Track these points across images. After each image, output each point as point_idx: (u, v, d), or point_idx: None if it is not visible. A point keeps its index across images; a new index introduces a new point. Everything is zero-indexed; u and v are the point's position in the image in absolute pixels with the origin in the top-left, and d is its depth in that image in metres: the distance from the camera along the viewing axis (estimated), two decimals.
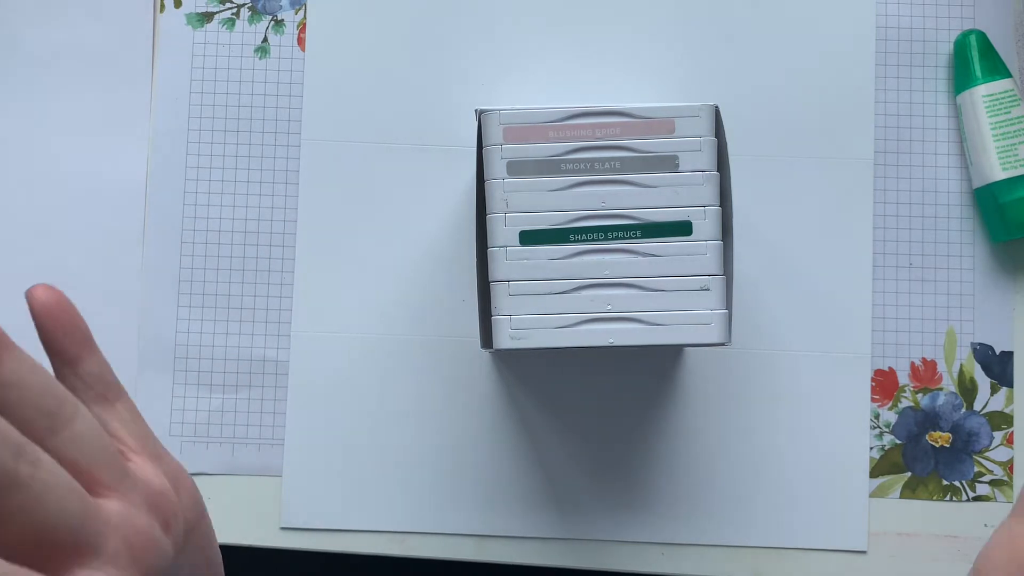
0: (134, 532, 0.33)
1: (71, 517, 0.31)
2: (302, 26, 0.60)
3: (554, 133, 0.46)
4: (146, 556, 0.33)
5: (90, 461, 0.33)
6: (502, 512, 0.57)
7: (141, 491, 0.34)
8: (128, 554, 0.33)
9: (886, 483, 0.58)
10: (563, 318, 0.46)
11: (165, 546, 0.34)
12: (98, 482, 0.33)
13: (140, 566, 0.33)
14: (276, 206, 0.59)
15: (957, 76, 0.59)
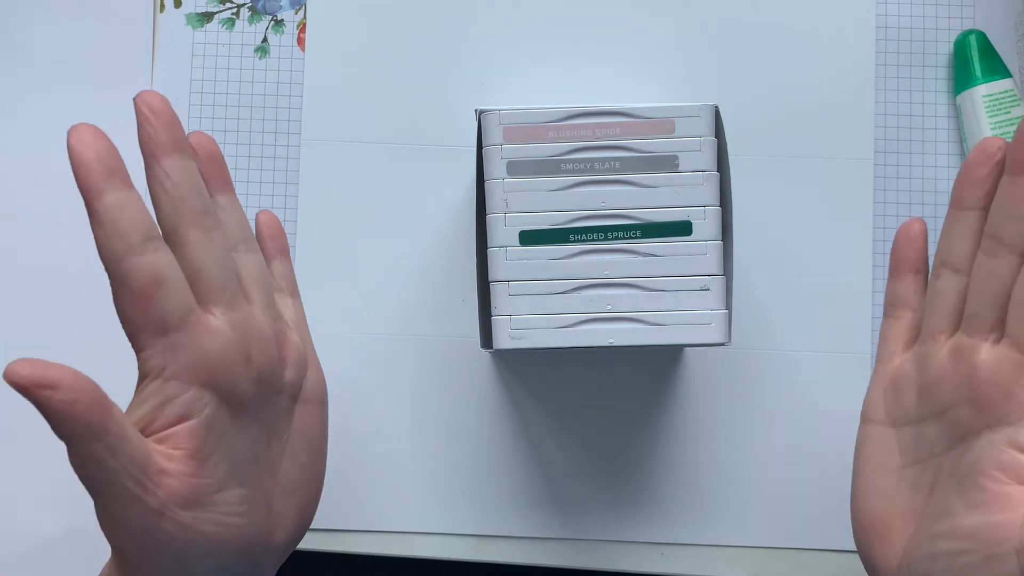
0: (224, 343, 0.39)
1: (221, 276, 0.39)
2: (302, 26, 0.60)
3: (554, 133, 0.46)
4: (216, 368, 0.38)
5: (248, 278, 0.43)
6: (502, 512, 0.57)
7: (257, 326, 0.41)
8: (205, 358, 0.38)
9: None
10: (563, 318, 0.46)
11: (240, 377, 0.40)
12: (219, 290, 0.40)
13: (206, 369, 0.38)
14: (276, 206, 0.59)
15: (957, 76, 0.59)
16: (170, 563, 0.37)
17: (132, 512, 0.35)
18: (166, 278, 0.37)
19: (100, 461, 0.34)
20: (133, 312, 0.36)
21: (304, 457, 0.45)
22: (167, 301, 0.37)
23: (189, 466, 0.37)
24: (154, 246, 0.37)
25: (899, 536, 0.42)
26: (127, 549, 0.37)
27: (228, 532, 0.39)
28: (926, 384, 0.42)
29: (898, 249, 0.45)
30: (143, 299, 0.36)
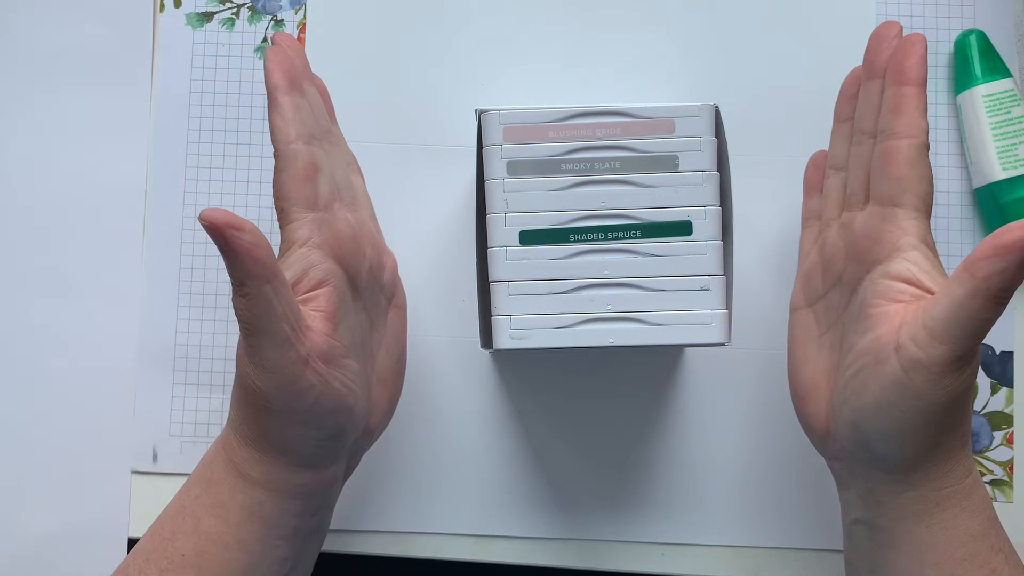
0: (352, 231, 0.47)
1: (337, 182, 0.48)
2: (302, 26, 0.60)
3: (554, 133, 0.46)
4: (346, 249, 0.46)
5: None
6: (502, 512, 0.57)
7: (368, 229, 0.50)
8: (340, 238, 0.46)
9: None
10: (563, 318, 0.46)
11: (360, 264, 0.47)
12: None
13: (340, 248, 0.46)
14: None
15: (957, 76, 0.59)
16: (304, 412, 0.43)
17: (285, 356, 0.41)
18: (323, 165, 0.46)
19: (269, 302, 0.40)
20: (294, 187, 0.44)
21: (395, 353, 0.51)
22: (321, 184, 0.45)
23: (327, 326, 0.44)
24: (316, 142, 0.46)
25: (823, 393, 0.48)
26: (272, 392, 0.42)
27: (350, 396, 0.45)
28: (825, 261, 0.49)
29: (807, 174, 0.54)
30: (305, 177, 0.44)
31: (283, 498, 0.45)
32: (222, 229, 0.38)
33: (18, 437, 0.58)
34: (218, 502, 0.45)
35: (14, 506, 0.58)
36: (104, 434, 0.58)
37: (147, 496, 0.58)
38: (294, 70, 0.46)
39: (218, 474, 0.45)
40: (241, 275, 0.39)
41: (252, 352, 0.41)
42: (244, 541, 0.44)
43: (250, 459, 0.45)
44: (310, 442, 0.45)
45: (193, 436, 0.58)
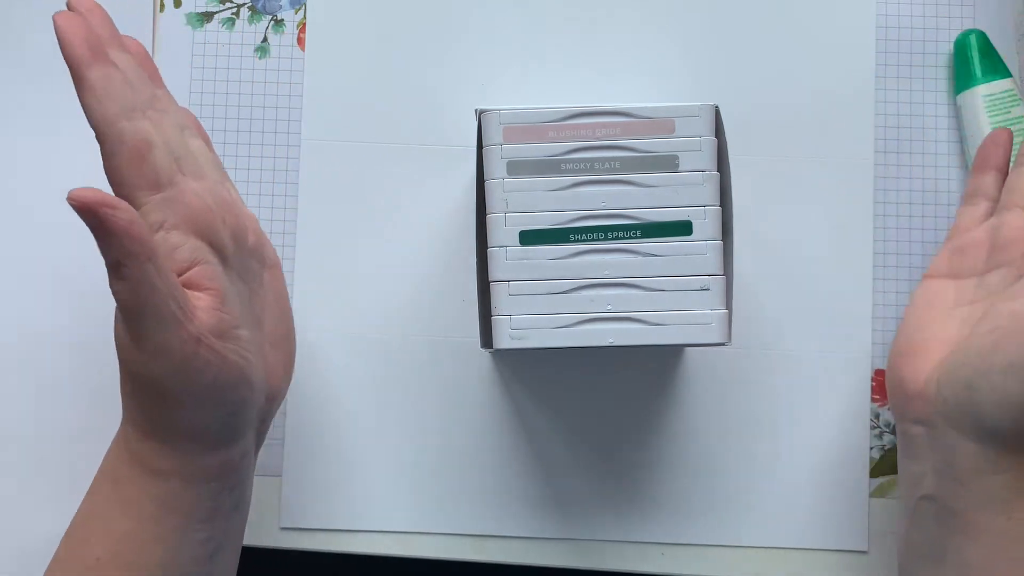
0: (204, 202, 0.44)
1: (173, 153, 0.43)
2: (302, 26, 0.60)
3: (554, 133, 0.46)
4: (203, 222, 0.43)
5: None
6: (502, 512, 0.57)
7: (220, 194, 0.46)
8: (194, 213, 0.43)
9: (886, 483, 0.58)
10: (563, 318, 0.46)
11: (222, 233, 0.44)
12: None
13: (197, 223, 0.43)
14: (276, 206, 0.59)
15: (957, 76, 0.59)
16: (203, 392, 0.41)
17: (175, 337, 0.39)
18: (155, 140, 0.42)
19: (151, 281, 0.38)
20: (129, 170, 0.41)
21: (278, 314, 0.50)
22: (158, 160, 0.42)
23: (213, 302, 0.42)
24: (140, 115, 0.42)
25: (934, 355, 0.48)
26: (167, 377, 0.40)
27: (248, 367, 0.43)
28: (998, 243, 0.49)
29: (985, 150, 0.54)
30: (138, 158, 0.41)
31: (196, 483, 0.44)
32: (95, 208, 0.37)
33: (18, 438, 0.58)
34: (127, 500, 0.43)
35: (14, 507, 0.58)
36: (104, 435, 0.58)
37: None
38: (95, 37, 0.41)
39: (122, 471, 0.44)
40: (119, 255, 0.37)
41: (138, 338, 0.39)
42: (161, 535, 0.43)
43: (154, 451, 0.43)
44: (214, 422, 0.43)
45: None
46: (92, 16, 0.44)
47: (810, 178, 0.58)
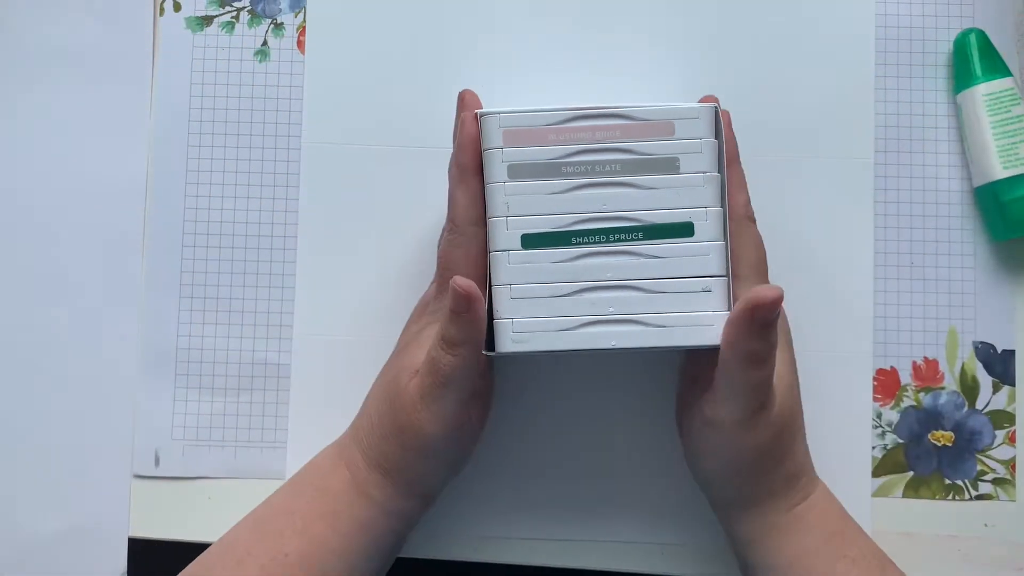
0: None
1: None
2: (302, 29, 0.59)
3: (554, 136, 0.46)
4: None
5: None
6: (502, 512, 0.57)
7: None
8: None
9: (888, 482, 0.58)
10: (565, 321, 0.46)
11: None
12: None
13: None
14: (277, 209, 0.59)
15: (957, 75, 0.58)
16: (452, 455, 0.50)
17: (462, 412, 0.47)
18: (485, 251, 0.48)
19: (472, 364, 0.45)
20: (465, 263, 0.47)
21: (485, 398, 0.54)
22: (483, 265, 0.48)
23: (483, 388, 0.50)
24: (484, 225, 0.48)
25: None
26: (434, 438, 0.47)
27: (475, 444, 0.52)
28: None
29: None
30: (476, 257, 0.47)
31: (392, 519, 0.50)
32: (472, 299, 0.43)
33: (19, 439, 0.58)
34: (332, 511, 0.49)
35: (14, 508, 0.58)
36: (105, 437, 0.58)
37: (148, 500, 0.58)
38: (478, 148, 0.47)
39: (336, 486, 0.49)
40: (464, 338, 0.44)
41: (434, 402, 0.46)
42: (349, 551, 0.48)
43: (376, 482, 0.49)
44: (439, 481, 0.51)
45: (195, 439, 0.58)
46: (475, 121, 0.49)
47: (810, 178, 0.58)
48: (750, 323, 0.43)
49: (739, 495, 0.50)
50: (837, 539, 0.49)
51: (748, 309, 0.43)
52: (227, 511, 0.52)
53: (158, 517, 0.58)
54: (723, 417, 0.47)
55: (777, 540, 0.49)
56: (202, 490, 0.58)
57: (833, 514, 0.50)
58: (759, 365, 0.44)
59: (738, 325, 0.43)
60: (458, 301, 0.43)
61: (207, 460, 0.58)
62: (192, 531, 0.57)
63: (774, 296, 0.42)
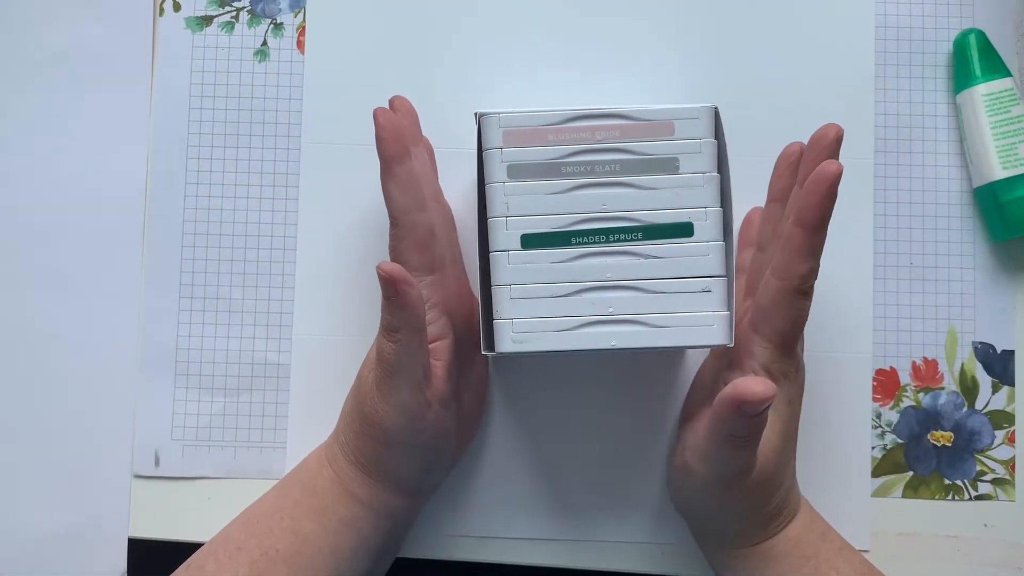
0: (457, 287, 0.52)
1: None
2: (301, 29, 0.59)
3: (554, 136, 0.46)
4: (453, 305, 0.51)
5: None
6: (502, 512, 0.57)
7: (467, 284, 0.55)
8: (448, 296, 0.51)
9: (888, 482, 0.58)
10: (565, 321, 0.46)
11: (461, 317, 0.52)
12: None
13: (449, 304, 0.51)
14: (277, 209, 0.59)
15: (957, 75, 0.59)
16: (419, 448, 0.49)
17: (415, 398, 0.47)
18: (437, 232, 0.49)
19: (415, 349, 0.45)
20: (413, 254, 0.48)
21: (476, 396, 0.55)
22: (436, 248, 0.49)
23: (444, 374, 0.49)
24: (429, 206, 0.49)
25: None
26: (396, 429, 0.47)
27: (452, 434, 0.51)
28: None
29: (741, 231, 0.57)
30: (423, 245, 0.48)
31: (380, 517, 0.50)
32: (397, 282, 0.43)
33: (18, 438, 0.58)
34: (319, 509, 0.49)
35: (14, 508, 0.58)
36: (105, 437, 0.58)
37: (148, 500, 0.58)
38: (404, 136, 0.48)
39: (322, 485, 0.50)
40: (400, 323, 0.44)
41: (388, 391, 0.46)
42: (338, 549, 0.49)
43: (358, 480, 0.50)
44: (415, 474, 0.51)
45: (195, 439, 0.58)
46: (406, 116, 0.51)
47: None
48: (736, 411, 0.42)
49: (712, 531, 0.51)
50: (811, 563, 0.49)
51: (734, 400, 0.41)
52: (227, 511, 0.52)
53: (158, 517, 0.58)
54: (700, 471, 0.47)
55: (749, 568, 0.50)
56: (202, 490, 0.58)
57: (810, 539, 0.50)
58: (741, 447, 0.44)
59: (725, 407, 0.42)
60: (385, 286, 0.43)
61: (207, 460, 0.58)
62: (192, 531, 0.57)
63: (761, 396, 0.41)
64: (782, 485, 0.49)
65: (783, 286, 0.46)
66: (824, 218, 0.44)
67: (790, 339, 0.47)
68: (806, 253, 0.45)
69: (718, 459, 0.46)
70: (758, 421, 0.42)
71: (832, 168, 0.44)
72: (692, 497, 0.50)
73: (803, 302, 0.46)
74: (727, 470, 0.46)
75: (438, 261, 0.49)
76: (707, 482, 0.47)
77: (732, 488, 0.47)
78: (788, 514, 0.50)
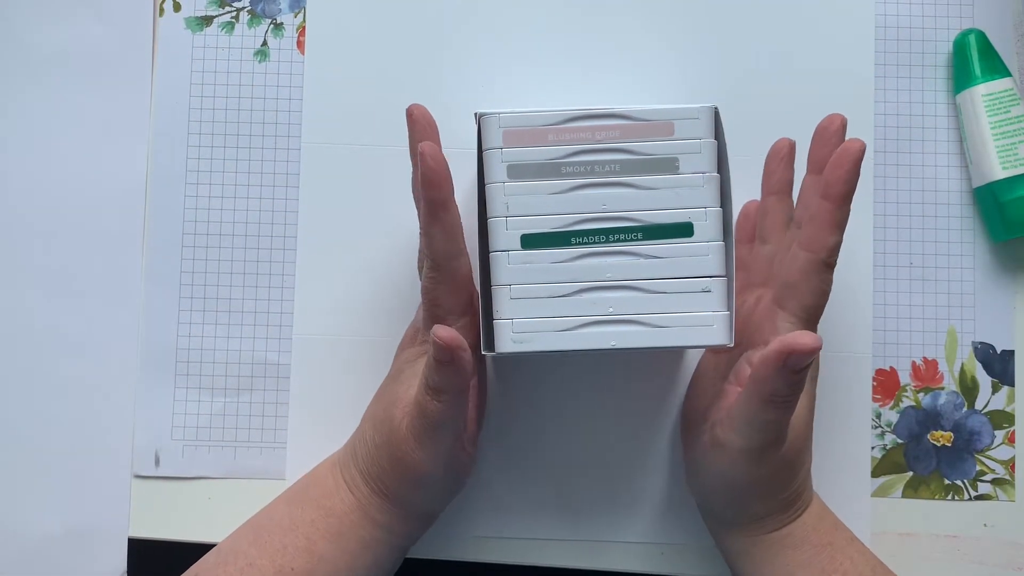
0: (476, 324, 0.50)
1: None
2: (301, 29, 0.60)
3: (554, 136, 0.46)
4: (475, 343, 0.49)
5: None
6: (502, 513, 0.57)
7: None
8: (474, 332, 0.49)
9: (888, 483, 0.58)
10: (565, 321, 0.46)
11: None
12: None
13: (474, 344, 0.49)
14: (277, 209, 0.59)
15: (956, 75, 0.59)
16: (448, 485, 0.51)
17: (452, 448, 0.48)
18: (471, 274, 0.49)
19: (461, 407, 0.46)
20: (450, 298, 0.47)
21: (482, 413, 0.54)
22: (471, 290, 0.49)
23: (475, 414, 0.50)
24: (466, 250, 0.48)
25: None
26: (430, 472, 0.48)
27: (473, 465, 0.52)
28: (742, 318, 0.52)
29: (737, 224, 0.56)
30: (460, 289, 0.48)
31: (396, 539, 0.51)
32: (454, 349, 0.43)
33: (19, 439, 0.58)
34: (338, 532, 0.50)
35: (14, 508, 0.58)
36: (105, 437, 0.58)
37: (148, 500, 0.58)
38: (449, 175, 0.45)
39: (341, 507, 0.50)
40: (446, 386, 0.45)
41: (428, 443, 0.47)
42: (354, 569, 0.50)
43: (380, 506, 0.50)
44: (438, 506, 0.52)
45: (195, 439, 0.58)
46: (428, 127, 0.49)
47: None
48: (781, 366, 0.43)
49: (732, 514, 0.51)
50: (827, 551, 0.49)
51: (782, 352, 0.42)
52: (227, 511, 0.52)
53: (158, 517, 0.58)
54: (733, 443, 0.47)
55: (766, 554, 0.50)
56: (202, 490, 0.58)
57: (824, 527, 0.50)
58: (782, 407, 0.45)
59: (769, 365, 0.43)
60: (441, 352, 0.43)
61: (207, 460, 0.58)
62: (192, 531, 0.57)
63: (811, 346, 0.42)
64: (804, 465, 0.49)
65: (812, 258, 0.47)
66: (850, 192, 0.47)
67: (815, 313, 0.48)
68: (834, 225, 0.47)
69: (755, 425, 0.45)
70: (800, 378, 0.43)
71: (857, 144, 0.46)
72: (719, 476, 0.50)
73: (828, 276, 0.48)
74: (763, 438, 0.46)
75: (471, 302, 0.49)
76: (740, 454, 0.47)
77: (763, 460, 0.47)
78: (804, 501, 0.50)
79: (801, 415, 0.48)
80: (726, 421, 0.47)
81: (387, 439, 0.48)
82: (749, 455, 0.47)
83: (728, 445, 0.47)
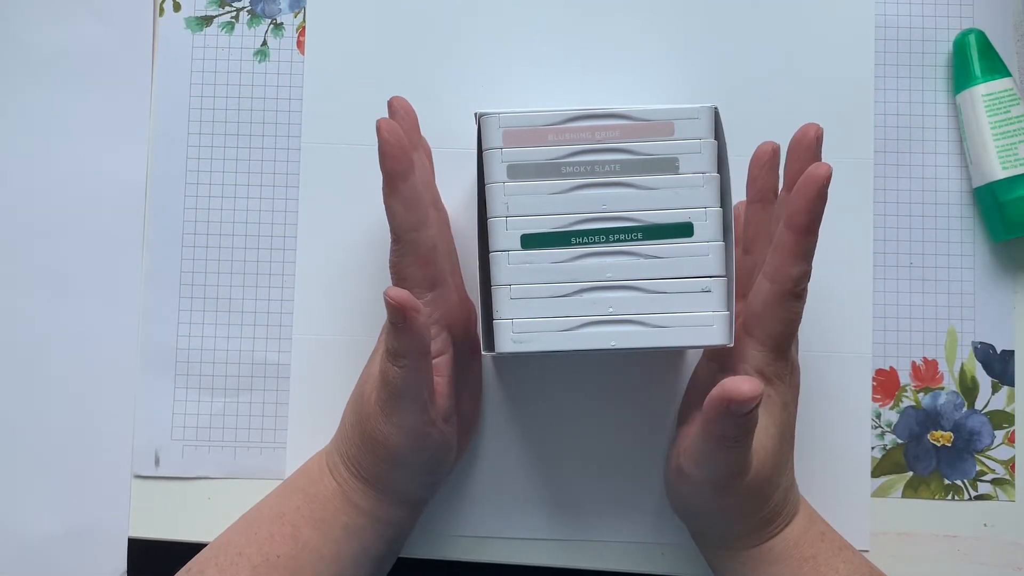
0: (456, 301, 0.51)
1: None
2: (301, 29, 0.59)
3: (554, 136, 0.46)
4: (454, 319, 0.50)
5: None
6: (501, 512, 0.57)
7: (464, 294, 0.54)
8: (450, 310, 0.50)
9: (888, 483, 0.58)
10: (565, 321, 0.46)
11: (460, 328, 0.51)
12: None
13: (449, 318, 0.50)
14: (277, 209, 0.59)
15: (956, 75, 0.59)
16: (422, 464, 0.49)
17: (420, 419, 0.46)
18: (439, 247, 0.48)
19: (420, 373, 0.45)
20: (415, 271, 0.47)
21: (476, 398, 0.56)
22: (439, 263, 0.48)
23: (446, 389, 0.49)
24: (431, 221, 0.48)
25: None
26: (400, 448, 0.47)
27: (455, 443, 0.51)
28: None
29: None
30: (426, 261, 0.47)
31: (381, 526, 0.50)
32: (405, 309, 0.43)
33: (19, 439, 0.58)
34: (321, 518, 0.49)
35: (14, 508, 0.58)
36: (105, 437, 0.58)
37: (148, 500, 0.58)
38: (408, 150, 0.46)
39: (324, 494, 0.50)
40: (405, 348, 0.44)
41: (393, 414, 0.46)
42: (339, 556, 0.49)
43: (360, 491, 0.50)
44: (418, 487, 0.51)
45: (195, 440, 0.58)
46: (406, 118, 0.49)
47: None
48: (724, 411, 0.41)
49: (712, 533, 0.51)
50: (809, 564, 0.48)
51: (723, 399, 0.41)
52: (227, 511, 0.52)
53: (158, 517, 0.58)
54: (695, 475, 0.47)
55: (747, 570, 0.50)
56: (202, 490, 0.58)
57: (808, 540, 0.49)
58: (733, 447, 0.44)
59: (714, 408, 0.42)
60: (393, 313, 0.43)
61: (207, 460, 0.58)
62: (192, 531, 0.57)
63: (748, 395, 0.40)
64: (779, 487, 0.49)
65: (776, 289, 0.46)
66: (814, 221, 0.44)
67: (783, 342, 0.47)
68: (798, 256, 0.45)
69: (711, 461, 0.45)
70: (748, 421, 0.42)
71: (821, 171, 0.43)
72: (689, 500, 0.50)
73: (796, 305, 0.46)
74: (721, 472, 0.46)
75: (439, 276, 0.49)
76: (702, 485, 0.47)
77: (728, 491, 0.47)
78: (787, 515, 0.50)
79: (766, 444, 0.47)
80: (688, 452, 0.47)
81: (359, 417, 0.48)
82: (713, 485, 0.46)
83: (690, 476, 0.47)
